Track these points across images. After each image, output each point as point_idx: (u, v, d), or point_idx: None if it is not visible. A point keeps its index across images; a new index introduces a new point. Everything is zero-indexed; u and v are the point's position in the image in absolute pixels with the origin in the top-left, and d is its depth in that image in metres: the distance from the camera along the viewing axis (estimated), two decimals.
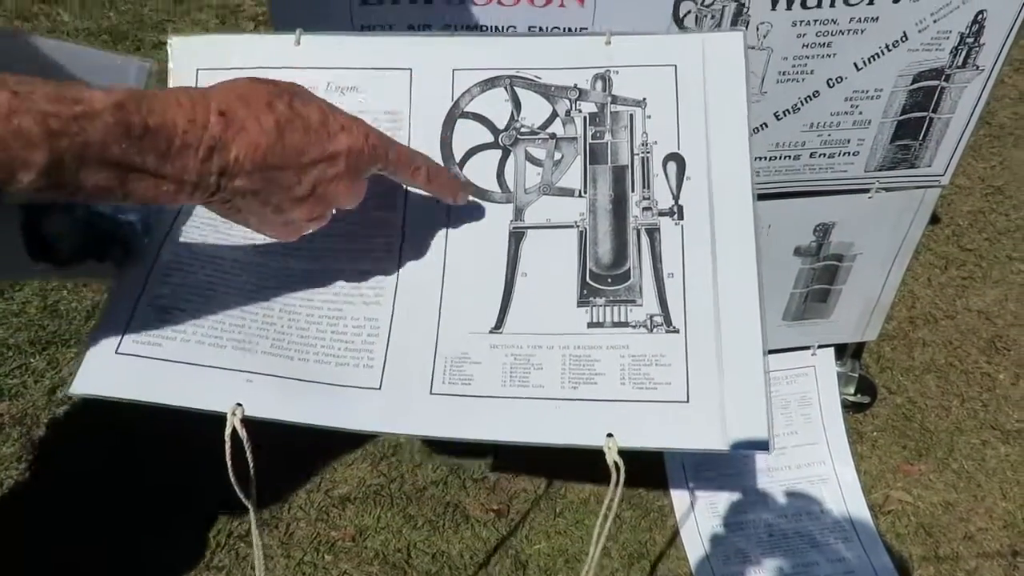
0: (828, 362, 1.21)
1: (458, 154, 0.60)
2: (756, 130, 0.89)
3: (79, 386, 0.51)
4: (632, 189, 0.58)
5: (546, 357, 0.54)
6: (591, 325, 0.55)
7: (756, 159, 0.88)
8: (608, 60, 0.60)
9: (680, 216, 0.57)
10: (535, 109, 0.60)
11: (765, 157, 0.93)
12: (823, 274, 1.08)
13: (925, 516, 1.17)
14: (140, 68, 0.52)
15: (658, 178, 0.58)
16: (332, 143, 0.46)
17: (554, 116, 0.60)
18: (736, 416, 0.51)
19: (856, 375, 1.27)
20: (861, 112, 0.90)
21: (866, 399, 1.29)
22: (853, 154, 0.94)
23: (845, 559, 1.11)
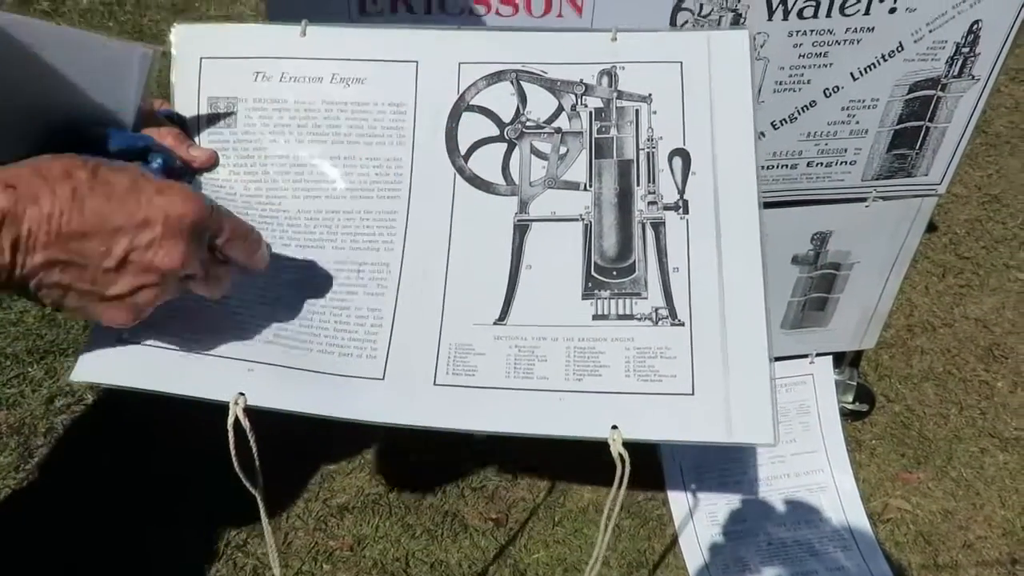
0: (826, 370, 1.21)
1: (463, 147, 0.60)
2: None
3: (80, 373, 0.51)
4: (637, 183, 0.58)
5: (550, 349, 0.54)
6: (596, 317, 0.55)
7: None
8: (614, 56, 0.61)
9: (685, 211, 0.57)
10: (541, 103, 0.60)
11: (763, 166, 0.93)
12: (821, 282, 1.09)
13: (924, 524, 1.17)
14: (144, 55, 0.51)
15: (663, 173, 0.58)
16: (144, 209, 0.43)
17: (560, 111, 0.60)
18: (741, 409, 0.51)
19: (854, 383, 1.28)
20: (858, 121, 0.90)
21: (864, 407, 1.29)
22: (850, 163, 0.94)
23: (844, 567, 1.11)
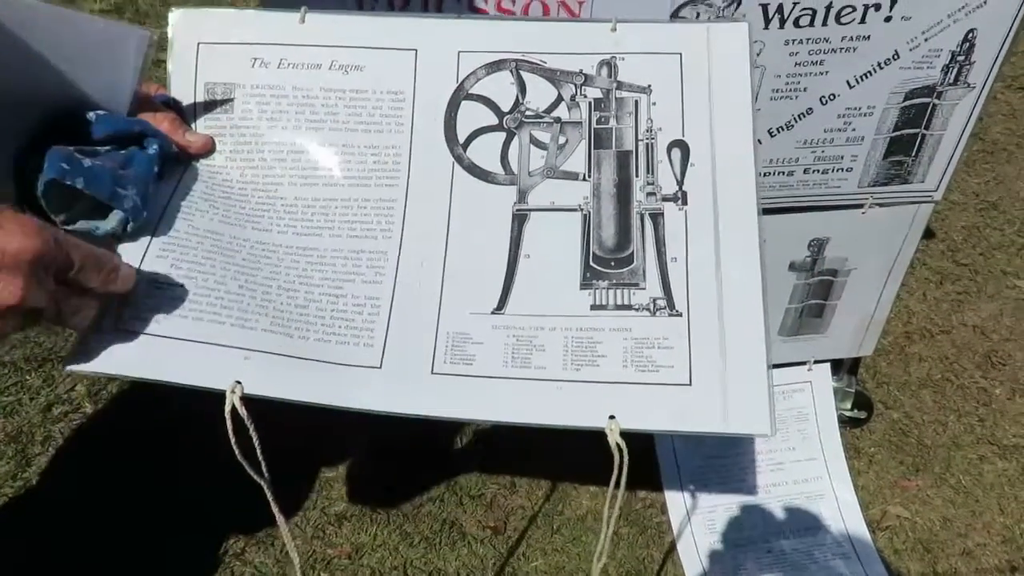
0: (824, 377, 1.21)
1: (462, 135, 0.60)
2: None
3: (75, 363, 0.50)
4: (636, 174, 0.59)
5: (548, 339, 0.54)
6: (594, 307, 0.55)
7: None
8: (614, 47, 0.61)
9: (684, 202, 0.57)
10: (540, 93, 0.60)
11: (760, 173, 0.93)
12: (818, 289, 1.09)
13: (923, 532, 1.16)
14: (141, 38, 0.50)
15: (662, 164, 0.59)
16: None
17: (559, 100, 0.60)
18: (738, 399, 0.51)
19: (852, 390, 1.28)
20: (854, 129, 0.91)
21: (863, 414, 1.29)
22: (846, 170, 0.95)
23: (843, 575, 1.10)
